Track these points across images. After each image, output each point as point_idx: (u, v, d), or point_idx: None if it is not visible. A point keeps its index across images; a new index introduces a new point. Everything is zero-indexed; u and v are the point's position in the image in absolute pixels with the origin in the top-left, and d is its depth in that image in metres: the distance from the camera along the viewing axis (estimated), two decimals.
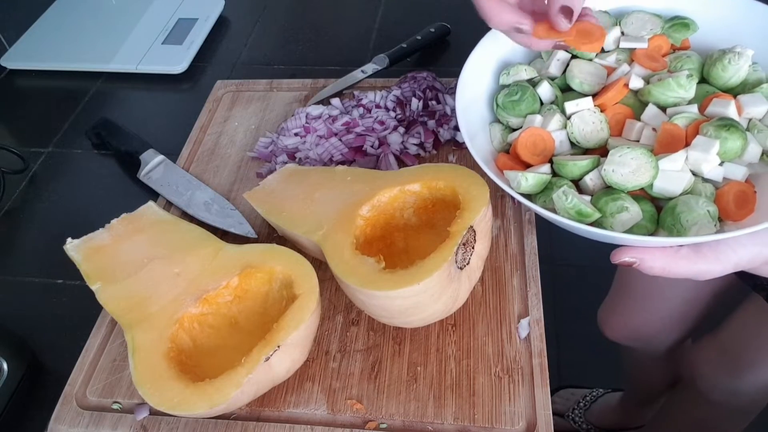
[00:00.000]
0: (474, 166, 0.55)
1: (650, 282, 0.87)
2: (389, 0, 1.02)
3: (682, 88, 0.48)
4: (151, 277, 0.56)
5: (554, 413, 0.60)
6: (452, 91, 0.77)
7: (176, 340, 0.52)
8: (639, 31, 0.54)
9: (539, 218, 0.64)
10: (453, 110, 0.74)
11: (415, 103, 0.74)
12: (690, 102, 0.49)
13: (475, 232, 0.52)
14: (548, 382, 0.53)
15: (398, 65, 0.86)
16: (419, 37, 0.88)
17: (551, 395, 0.52)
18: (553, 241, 1.60)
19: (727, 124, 0.44)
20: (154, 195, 0.71)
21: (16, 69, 0.97)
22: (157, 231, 0.62)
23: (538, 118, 0.52)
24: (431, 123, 0.72)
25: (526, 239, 0.63)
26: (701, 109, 0.48)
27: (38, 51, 0.98)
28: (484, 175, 0.52)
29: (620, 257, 0.42)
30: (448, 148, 0.72)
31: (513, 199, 0.66)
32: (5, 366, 0.58)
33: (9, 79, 0.96)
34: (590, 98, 0.51)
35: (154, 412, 0.53)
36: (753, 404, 0.91)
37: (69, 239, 0.61)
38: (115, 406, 0.54)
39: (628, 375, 1.18)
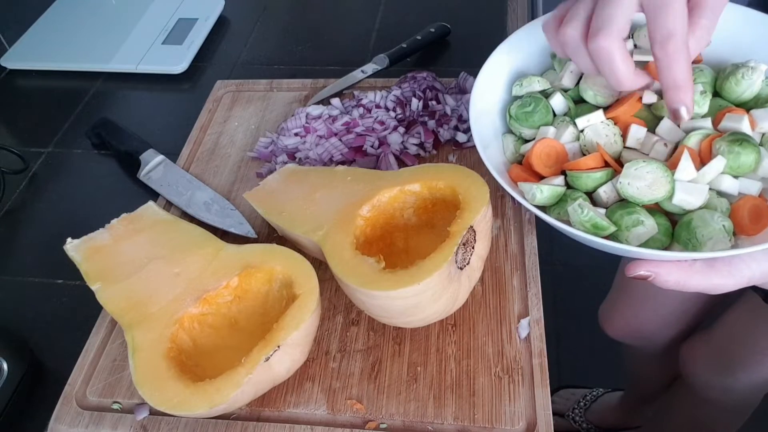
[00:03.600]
0: (475, 166, 0.55)
1: (684, 298, 0.87)
2: (389, 0, 1.02)
3: (695, 104, 0.48)
4: (151, 277, 0.56)
5: (554, 413, 0.60)
6: (452, 91, 0.77)
7: (176, 340, 0.52)
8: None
9: (539, 219, 0.64)
10: (453, 110, 0.74)
11: (415, 103, 0.74)
12: (703, 116, 0.49)
13: (475, 232, 0.52)
14: (548, 382, 0.53)
15: (398, 65, 0.86)
16: (419, 37, 0.88)
17: (551, 395, 0.52)
18: (553, 241, 1.60)
19: (740, 139, 0.44)
20: (154, 195, 0.71)
21: (16, 69, 0.97)
22: (157, 231, 0.62)
23: (552, 129, 0.52)
24: (431, 123, 0.72)
25: (526, 239, 0.63)
26: (715, 123, 0.48)
27: (38, 51, 0.98)
28: (484, 175, 0.52)
29: (635, 271, 0.42)
30: (448, 148, 0.72)
31: (513, 199, 0.66)
32: (5, 366, 0.57)
33: (9, 79, 0.96)
34: (601, 111, 0.51)
35: (154, 412, 0.53)
36: (747, 402, 0.91)
37: (69, 239, 0.61)
38: (115, 406, 0.54)
39: (629, 373, 1.19)
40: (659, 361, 1.05)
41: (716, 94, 0.52)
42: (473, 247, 0.52)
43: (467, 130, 0.72)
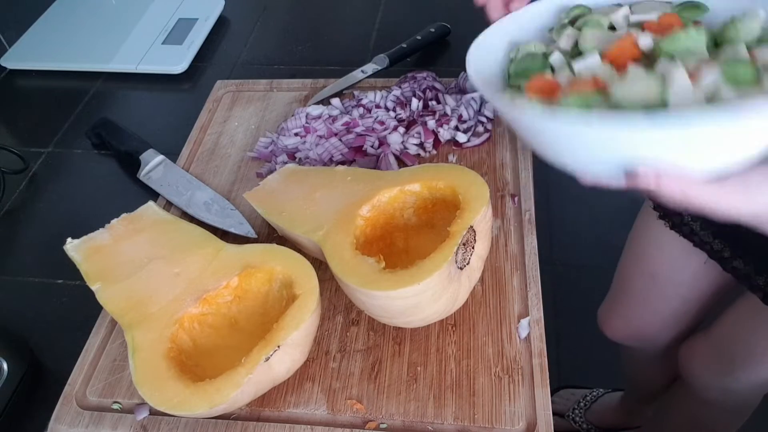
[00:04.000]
0: (475, 166, 0.54)
1: (649, 281, 0.87)
2: (389, 0, 1.02)
3: (691, 38, 0.47)
4: (151, 277, 0.56)
5: (554, 413, 0.60)
6: (452, 91, 0.77)
7: (176, 340, 0.52)
8: (649, 13, 0.54)
9: (539, 218, 0.64)
10: (453, 110, 0.74)
11: (415, 103, 0.74)
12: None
13: (475, 232, 0.52)
14: (548, 382, 0.53)
15: (398, 65, 0.86)
16: (419, 37, 0.88)
17: (551, 395, 0.52)
18: (553, 241, 1.60)
19: (738, 60, 0.43)
20: (154, 195, 0.71)
21: (16, 69, 0.97)
22: (157, 231, 0.62)
23: (549, 74, 0.51)
24: (431, 123, 0.72)
25: (526, 239, 0.63)
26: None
27: (38, 51, 0.98)
28: (484, 175, 0.52)
29: (637, 179, 0.38)
30: (448, 148, 0.72)
31: (513, 199, 0.66)
32: (5, 366, 0.58)
33: (9, 79, 0.96)
34: (597, 55, 0.50)
35: (154, 412, 0.53)
36: (746, 403, 0.90)
37: (69, 239, 0.61)
38: (115, 406, 0.54)
39: (628, 374, 1.18)
40: (659, 363, 1.05)
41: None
42: (473, 247, 0.52)
43: (467, 130, 0.72)
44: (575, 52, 0.54)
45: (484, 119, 0.74)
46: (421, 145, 0.72)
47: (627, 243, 0.89)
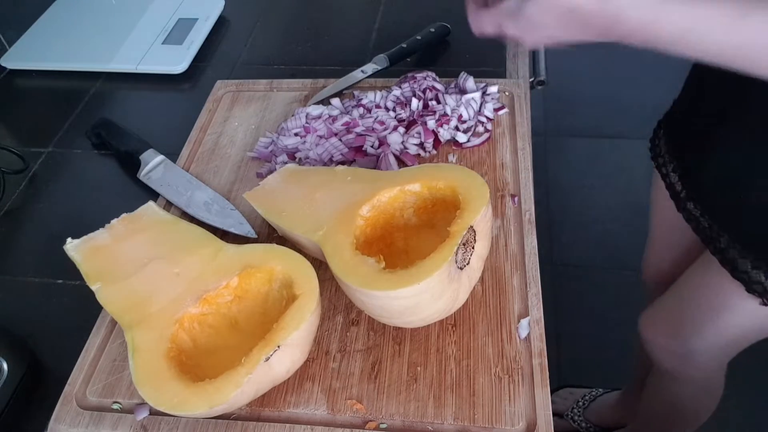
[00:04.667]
0: (475, 166, 0.54)
1: (664, 228, 0.89)
2: (389, 0, 1.02)
3: None
4: (151, 277, 0.56)
5: (553, 413, 0.60)
6: (452, 91, 0.77)
7: (176, 340, 0.52)
8: None
9: (539, 218, 0.64)
10: (453, 110, 0.73)
11: (415, 103, 0.74)
12: None
13: (475, 232, 0.52)
14: (548, 382, 0.53)
15: (398, 65, 0.86)
16: (419, 37, 0.88)
17: (550, 395, 0.52)
18: (553, 241, 1.60)
19: None
20: (154, 195, 0.71)
21: (16, 69, 0.96)
22: (157, 231, 0.62)
23: None
24: (431, 123, 0.72)
25: (526, 239, 0.63)
26: None
27: (38, 51, 0.98)
28: (484, 175, 0.52)
29: None
30: (448, 148, 0.72)
31: (513, 199, 0.66)
32: (5, 366, 0.57)
33: (9, 79, 0.96)
34: None
35: (154, 412, 0.53)
36: (709, 376, 0.90)
37: (69, 239, 0.61)
38: (115, 406, 0.54)
39: (639, 351, 1.18)
40: None
41: None
42: (473, 247, 0.52)
43: (467, 130, 0.72)
44: None
45: (484, 119, 0.74)
46: (421, 145, 0.72)
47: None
